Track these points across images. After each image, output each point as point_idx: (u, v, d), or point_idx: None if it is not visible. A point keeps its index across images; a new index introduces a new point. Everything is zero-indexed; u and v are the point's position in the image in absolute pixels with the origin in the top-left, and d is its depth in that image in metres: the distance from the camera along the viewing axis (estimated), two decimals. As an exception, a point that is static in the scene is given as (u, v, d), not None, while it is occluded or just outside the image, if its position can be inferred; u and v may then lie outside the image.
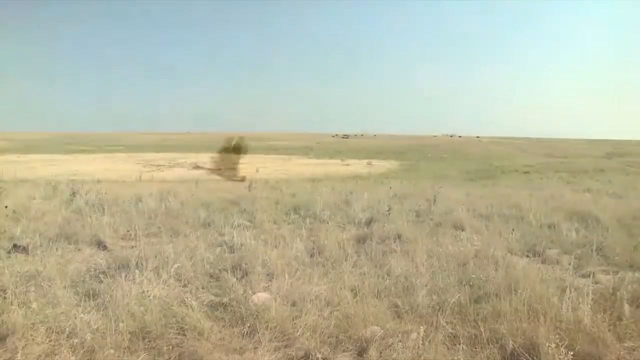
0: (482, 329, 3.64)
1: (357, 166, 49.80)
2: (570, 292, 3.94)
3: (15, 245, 5.58)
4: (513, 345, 3.39)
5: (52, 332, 3.51)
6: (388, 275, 4.92)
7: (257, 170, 39.07)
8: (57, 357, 3.18)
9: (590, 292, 3.91)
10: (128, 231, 6.70)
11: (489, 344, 3.48)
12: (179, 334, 3.60)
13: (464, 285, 4.59)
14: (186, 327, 3.65)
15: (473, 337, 3.62)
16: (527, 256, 6.04)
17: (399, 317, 3.98)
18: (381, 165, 51.38)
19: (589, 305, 3.78)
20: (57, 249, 5.57)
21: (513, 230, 7.12)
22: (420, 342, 3.36)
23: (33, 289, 4.18)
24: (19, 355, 3.12)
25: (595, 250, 5.86)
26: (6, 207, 7.90)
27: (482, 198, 12.38)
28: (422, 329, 3.49)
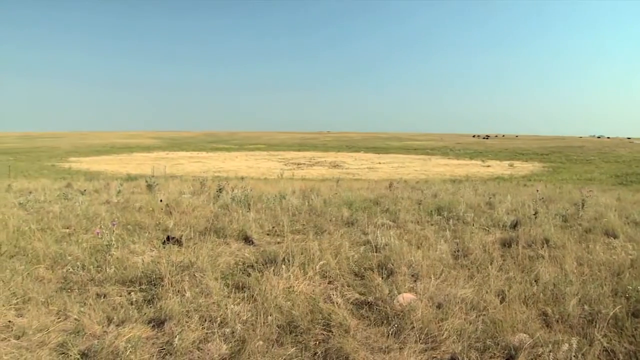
0: (643, 346, 3.31)
1: (498, 167, 47.56)
2: None
3: (169, 237, 5.96)
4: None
5: (205, 320, 3.64)
6: (536, 281, 4.60)
7: (397, 170, 39.01)
8: (209, 344, 3.27)
9: None
10: (273, 227, 6.87)
11: (650, 363, 3.17)
12: (325, 330, 3.57)
13: (619, 296, 4.18)
14: (332, 323, 3.61)
15: (632, 354, 3.30)
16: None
17: (548, 326, 3.73)
18: (523, 167, 48.53)
19: None
20: (207, 242, 5.83)
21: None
22: (573, 354, 3.13)
23: (187, 278, 4.43)
24: (176, 339, 3.27)
25: None
26: (161, 200, 8.62)
27: (635, 204, 11.43)
28: (574, 340, 3.23)
